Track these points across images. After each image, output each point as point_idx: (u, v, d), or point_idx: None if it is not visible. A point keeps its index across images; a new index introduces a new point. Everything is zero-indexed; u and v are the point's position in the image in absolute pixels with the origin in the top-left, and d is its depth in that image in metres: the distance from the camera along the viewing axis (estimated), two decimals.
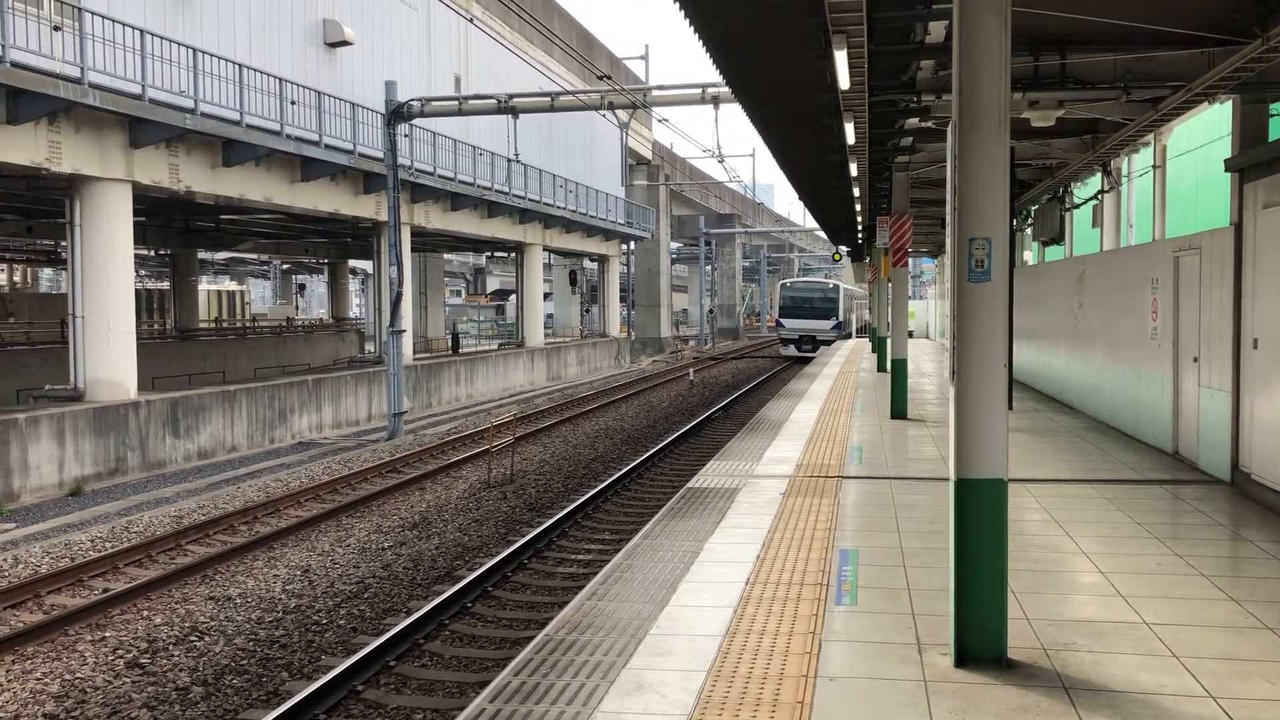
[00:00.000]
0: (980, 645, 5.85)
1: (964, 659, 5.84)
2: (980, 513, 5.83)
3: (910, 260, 20.60)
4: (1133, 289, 14.63)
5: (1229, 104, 12.87)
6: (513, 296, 62.49)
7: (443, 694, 8.96)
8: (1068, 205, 20.79)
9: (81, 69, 18.87)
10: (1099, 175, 18.83)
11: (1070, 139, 16.13)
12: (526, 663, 6.02)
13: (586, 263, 57.97)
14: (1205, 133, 17.32)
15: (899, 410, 17.67)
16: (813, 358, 41.54)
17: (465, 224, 35.66)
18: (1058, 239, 21.02)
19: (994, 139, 5.77)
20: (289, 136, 24.56)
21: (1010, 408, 5.92)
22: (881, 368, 28.37)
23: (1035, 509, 10.01)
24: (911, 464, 12.92)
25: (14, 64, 17.57)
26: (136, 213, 22.04)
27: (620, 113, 29.04)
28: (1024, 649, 6.06)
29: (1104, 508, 10.09)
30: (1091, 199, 19.65)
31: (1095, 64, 11.16)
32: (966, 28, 5.76)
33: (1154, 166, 17.38)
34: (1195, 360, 12.08)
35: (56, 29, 19.01)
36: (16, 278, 59.97)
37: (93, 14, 19.35)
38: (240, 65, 23.18)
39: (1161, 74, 11.29)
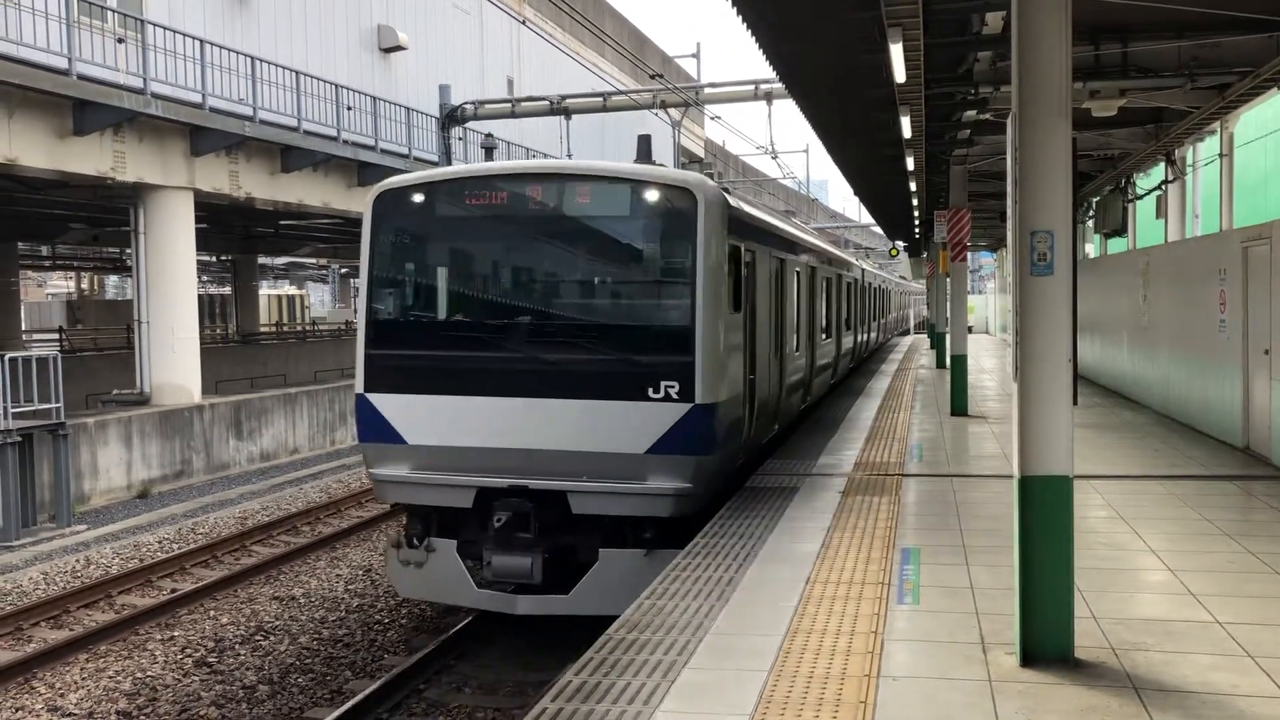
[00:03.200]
0: (1046, 645, 5.76)
1: (1030, 659, 5.74)
2: (1045, 510, 5.74)
3: (969, 254, 20.38)
4: (1200, 281, 14.31)
5: None
6: None
7: (504, 693, 9.01)
8: (1130, 196, 20.39)
9: (144, 79, 19.27)
10: (1162, 165, 18.46)
11: (1133, 128, 15.83)
12: (588, 662, 6.03)
13: None
14: (1275, 119, 16.90)
15: (959, 407, 17.46)
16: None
17: None
18: (1120, 231, 20.63)
19: (1055, 130, 5.67)
20: (345, 142, 24.88)
21: (1075, 403, 5.82)
22: (940, 364, 28.03)
23: (1101, 506, 9.83)
24: (973, 461, 12.76)
25: (80, 76, 17.98)
26: (198, 219, 22.44)
27: (673, 111, 29.03)
28: (1091, 649, 5.94)
29: (1172, 504, 9.88)
30: (1155, 189, 19.26)
31: (1158, 51, 10.94)
32: (1025, 17, 5.66)
33: (1220, 155, 16.99)
34: (1266, 353, 11.79)
35: (120, 41, 19.44)
36: (84, 285, 61.45)
37: (154, 25, 19.75)
38: (297, 73, 23.52)
39: (1228, 60, 11.04)
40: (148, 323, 21.02)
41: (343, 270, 74.67)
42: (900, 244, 47.20)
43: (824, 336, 18.58)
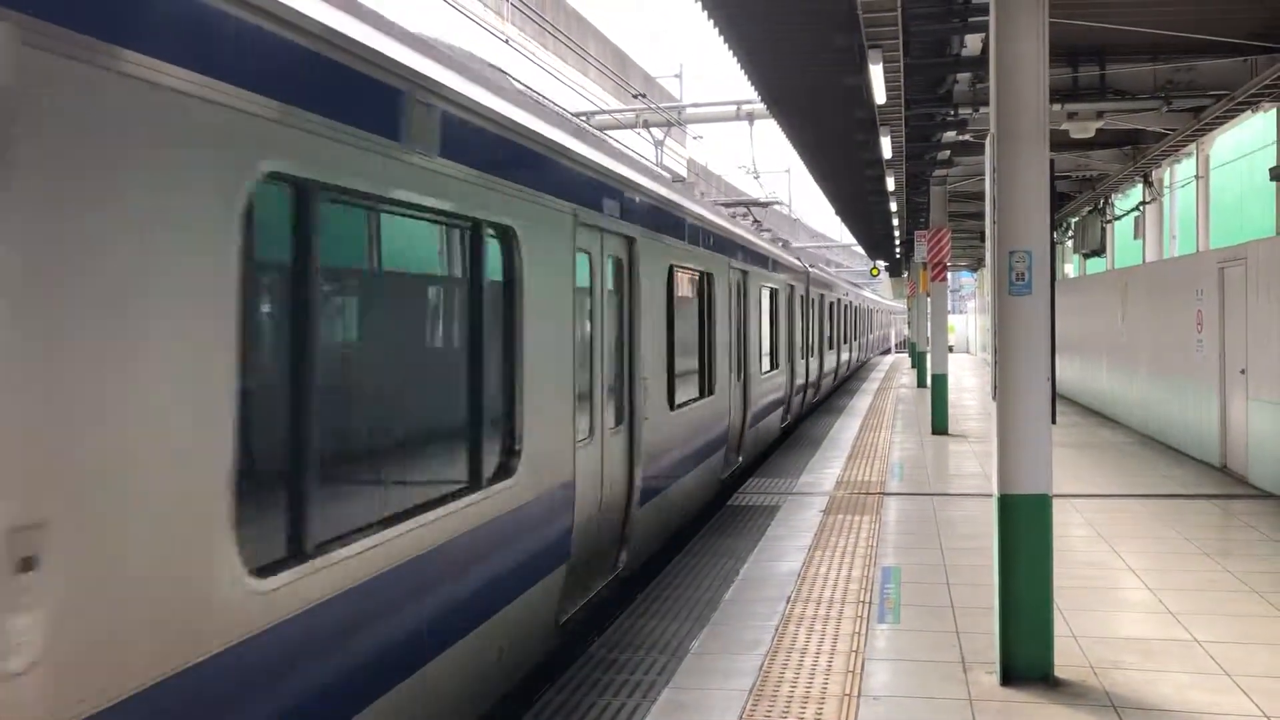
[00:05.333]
0: (1026, 663, 5.76)
1: (1009, 677, 5.75)
2: (1025, 529, 5.75)
3: (949, 274, 20.43)
4: (1177, 301, 14.43)
5: (1273, 112, 12.71)
6: None
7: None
8: (1109, 217, 20.58)
9: None
10: (1140, 186, 18.64)
11: (1110, 150, 15.99)
12: (568, 681, 6.00)
13: None
14: (1250, 142, 17.10)
15: (940, 426, 17.51)
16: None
17: None
18: (1099, 251, 20.80)
19: (1033, 151, 5.72)
20: None
21: (1054, 422, 5.84)
22: (921, 383, 28.13)
23: (1081, 525, 9.86)
24: (953, 480, 12.79)
25: None
26: None
27: (655, 131, 29.13)
28: (1071, 667, 5.95)
29: (1151, 523, 9.92)
30: (1133, 210, 19.44)
31: (1135, 74, 11.06)
32: (1003, 39, 5.72)
33: (1196, 177, 17.18)
34: (1242, 372, 11.89)
35: None
36: None
37: None
38: None
39: (1203, 83, 11.17)
40: None
41: None
42: (881, 263, 47.43)
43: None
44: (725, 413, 11.83)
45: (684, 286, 10.23)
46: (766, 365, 15.04)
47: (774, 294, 15.72)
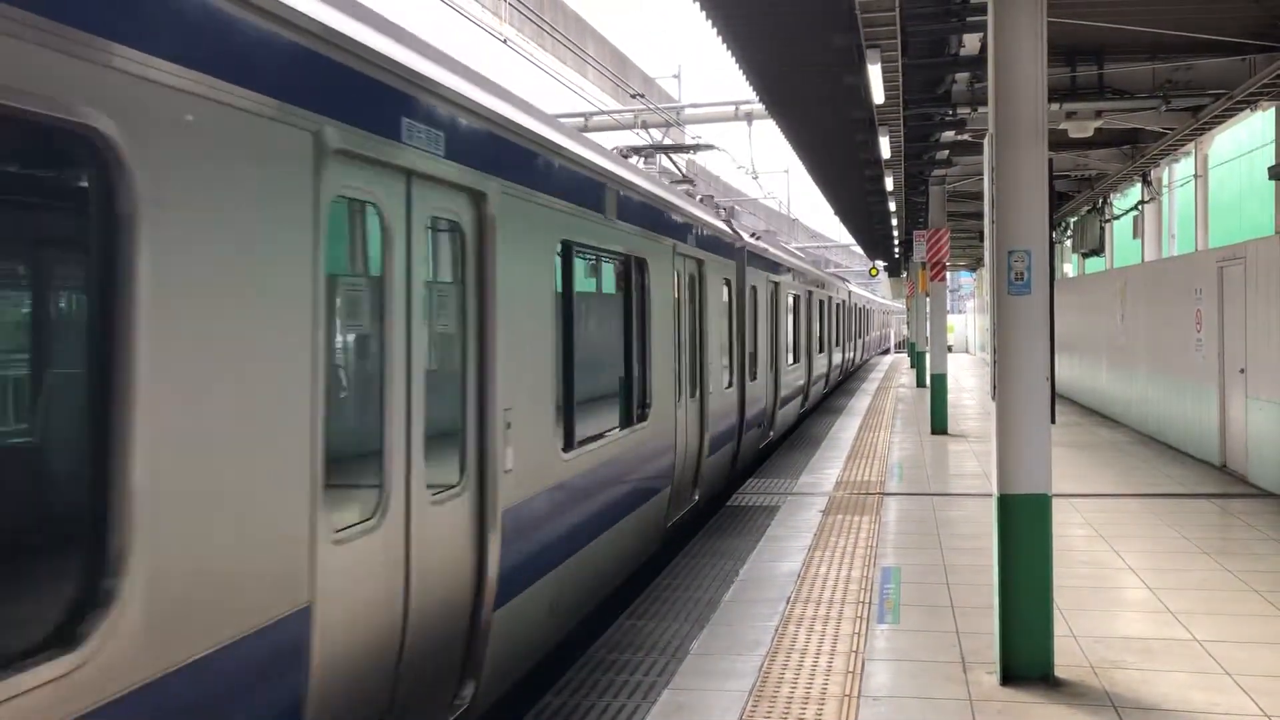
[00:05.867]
0: (1026, 663, 5.76)
1: (1009, 677, 5.74)
2: (1024, 528, 5.75)
3: (948, 274, 20.41)
4: (1176, 300, 14.43)
5: (1271, 111, 12.71)
6: None
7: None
8: (1108, 216, 20.57)
9: None
10: (1139, 186, 18.63)
11: (1109, 149, 15.98)
12: (568, 683, 5.99)
13: None
14: (1248, 141, 17.10)
15: (939, 425, 17.51)
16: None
17: None
18: (1098, 251, 20.79)
19: (1032, 150, 5.71)
20: None
21: (1053, 421, 5.84)
22: (921, 383, 28.13)
23: (1080, 524, 9.86)
24: (953, 480, 12.78)
25: None
26: None
27: (654, 131, 29.13)
28: (1071, 667, 5.95)
29: (1151, 522, 9.92)
30: (1132, 210, 19.44)
31: (1133, 73, 11.06)
32: (1001, 39, 5.72)
33: (1195, 176, 17.18)
34: (1241, 371, 11.88)
35: None
36: None
37: None
38: None
39: (1201, 82, 11.17)
40: None
41: None
42: (880, 264, 47.44)
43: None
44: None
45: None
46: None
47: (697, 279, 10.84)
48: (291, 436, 3.53)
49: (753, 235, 15.53)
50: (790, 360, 17.78)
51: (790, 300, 18.12)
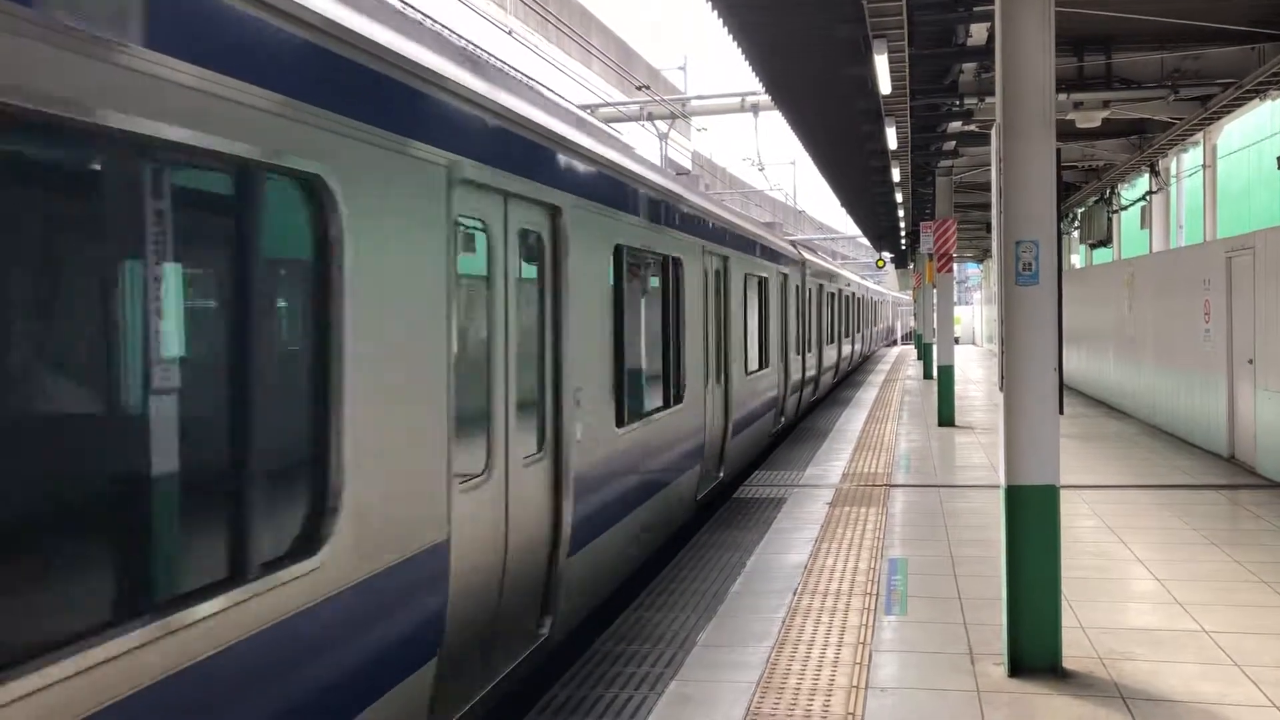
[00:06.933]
0: (1034, 655, 5.75)
1: (1017, 669, 5.73)
2: (1032, 520, 5.74)
3: (955, 265, 20.36)
4: (1184, 291, 14.39)
5: None
6: None
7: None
8: (1115, 207, 20.51)
9: None
10: (1147, 176, 18.57)
11: (1117, 139, 15.93)
12: (574, 675, 6.00)
13: None
14: (1257, 130, 17.02)
15: (946, 417, 17.48)
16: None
17: None
18: (1105, 241, 20.75)
19: (1039, 141, 5.69)
20: None
21: (1061, 413, 5.82)
22: (927, 375, 28.09)
23: (1088, 515, 9.84)
24: (960, 471, 12.77)
25: None
26: None
27: (659, 123, 29.09)
28: (1079, 658, 5.94)
29: (1159, 513, 9.90)
30: (1139, 200, 19.38)
31: (1141, 63, 11.02)
32: (1009, 29, 5.69)
33: (1204, 166, 17.11)
34: (1250, 362, 11.84)
35: None
36: None
37: None
38: None
39: (1210, 71, 11.12)
40: None
41: None
42: (887, 255, 47.37)
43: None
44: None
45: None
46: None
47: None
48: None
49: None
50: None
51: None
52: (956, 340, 28.53)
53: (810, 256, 20.60)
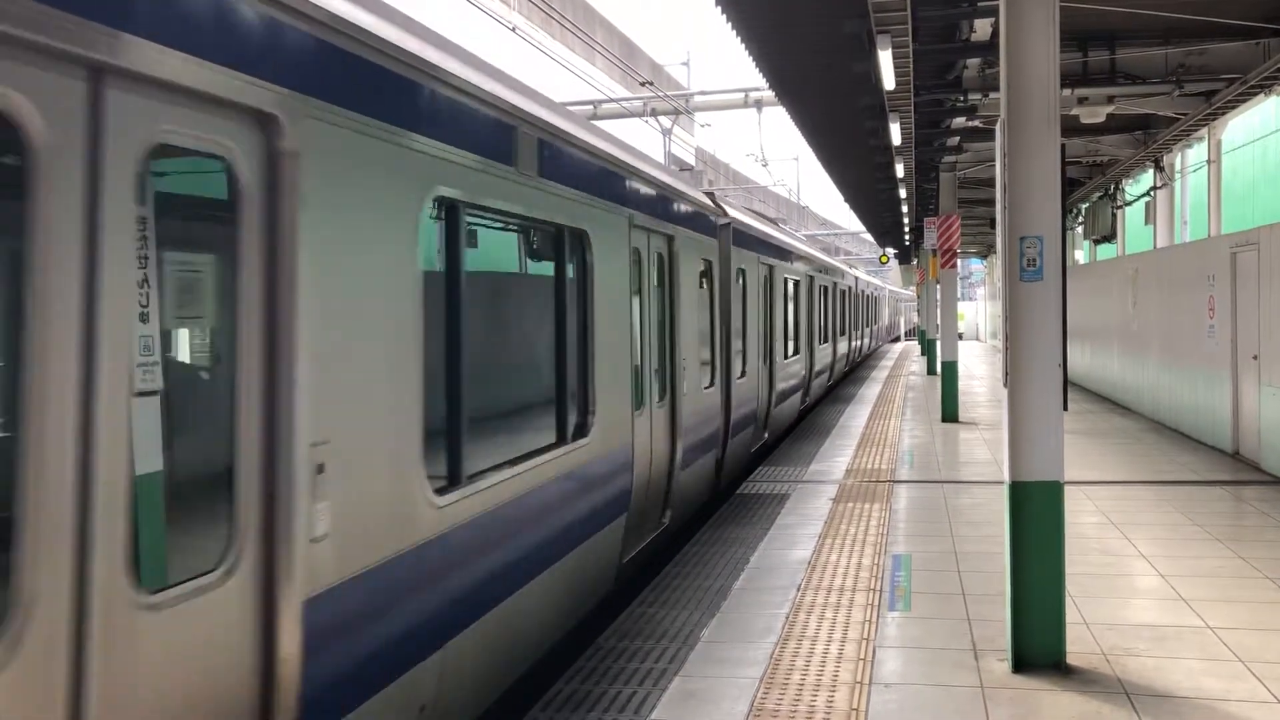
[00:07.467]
0: (1038, 651, 5.75)
1: (1021, 665, 5.73)
2: (1036, 516, 5.73)
3: (959, 261, 20.32)
4: (1189, 287, 14.36)
5: None
6: None
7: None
8: (1119, 203, 20.47)
9: None
10: (1151, 172, 18.53)
11: (1121, 135, 15.90)
12: (578, 670, 6.00)
13: None
14: (1262, 126, 16.98)
15: (950, 413, 17.47)
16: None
17: None
18: (1109, 237, 20.71)
19: (1044, 136, 5.67)
20: None
21: (1065, 408, 5.81)
22: (931, 370, 28.07)
23: (1092, 512, 9.83)
24: (964, 467, 12.76)
25: None
26: None
27: (663, 119, 29.08)
28: (1083, 654, 5.93)
29: (1163, 510, 9.89)
30: (1144, 196, 19.34)
31: (1145, 58, 10.99)
32: (1013, 24, 5.68)
33: (1208, 161, 17.07)
34: (1255, 358, 11.83)
35: None
36: None
37: None
38: None
39: (1215, 67, 11.10)
40: None
41: None
42: (891, 251, 47.33)
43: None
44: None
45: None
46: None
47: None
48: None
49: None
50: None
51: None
52: (960, 336, 28.46)
53: (802, 244, 17.53)
